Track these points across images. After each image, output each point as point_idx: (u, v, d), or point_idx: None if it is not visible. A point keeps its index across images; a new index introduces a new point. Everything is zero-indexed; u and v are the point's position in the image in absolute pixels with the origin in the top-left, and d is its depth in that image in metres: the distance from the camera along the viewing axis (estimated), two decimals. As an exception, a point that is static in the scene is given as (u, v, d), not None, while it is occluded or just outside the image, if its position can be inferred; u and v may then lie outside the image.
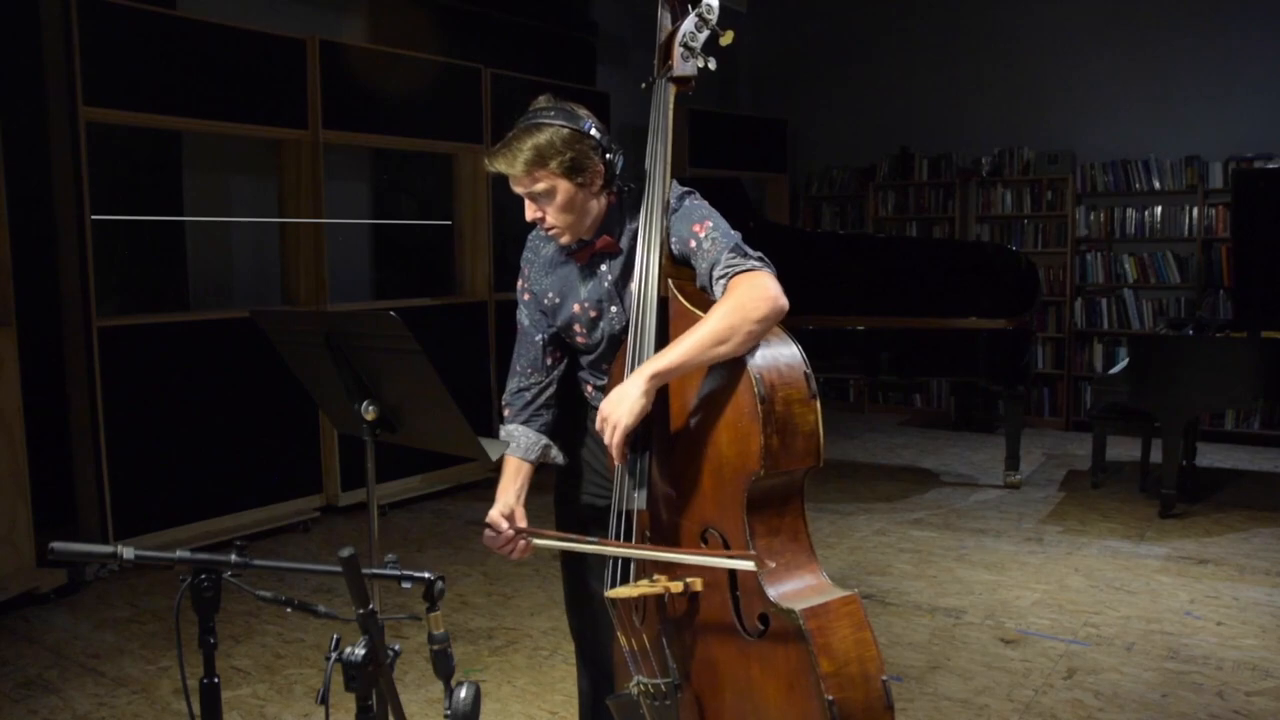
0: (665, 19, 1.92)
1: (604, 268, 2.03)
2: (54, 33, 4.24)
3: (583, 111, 1.94)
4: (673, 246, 1.92)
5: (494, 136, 6.01)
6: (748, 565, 1.68)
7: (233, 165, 5.52)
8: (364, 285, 6.23)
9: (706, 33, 1.89)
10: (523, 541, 2.00)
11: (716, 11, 1.88)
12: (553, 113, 1.90)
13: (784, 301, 1.80)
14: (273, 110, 5.00)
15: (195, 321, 4.86)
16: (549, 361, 2.13)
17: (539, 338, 2.13)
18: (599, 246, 2.01)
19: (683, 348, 1.76)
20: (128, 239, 4.97)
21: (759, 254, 1.87)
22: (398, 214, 6.41)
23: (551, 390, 2.15)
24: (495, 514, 2.01)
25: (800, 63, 8.84)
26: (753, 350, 1.74)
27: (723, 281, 1.82)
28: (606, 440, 1.82)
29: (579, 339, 2.09)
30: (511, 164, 1.88)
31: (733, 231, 1.92)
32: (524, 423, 2.12)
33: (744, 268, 1.82)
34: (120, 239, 4.93)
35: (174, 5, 4.91)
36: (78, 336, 4.36)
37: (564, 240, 1.99)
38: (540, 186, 1.89)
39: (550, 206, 1.92)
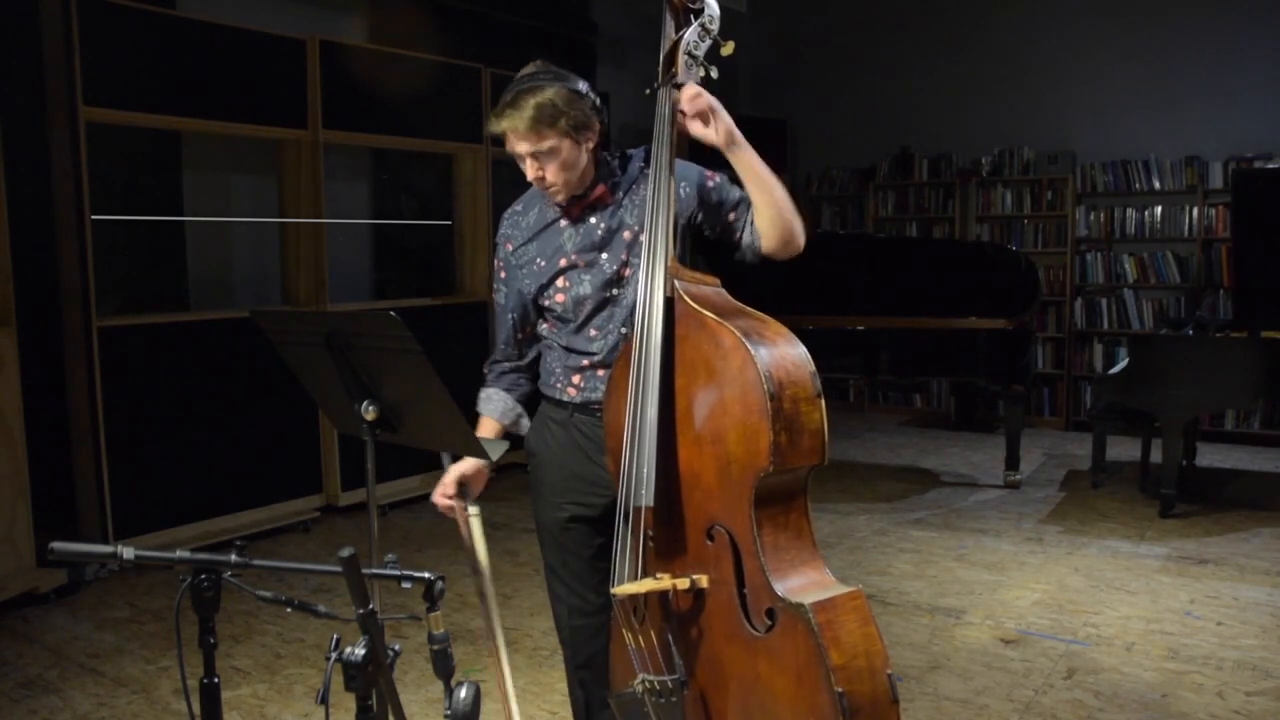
0: (669, 27, 1.96)
1: (594, 219, 2.10)
2: (54, 33, 4.24)
3: (571, 74, 2.02)
4: (681, 190, 2.04)
5: (494, 137, 6.01)
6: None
7: (233, 165, 5.52)
8: (364, 285, 6.23)
9: (709, 42, 1.94)
10: (460, 507, 2.17)
11: (718, 22, 1.94)
12: (550, 75, 1.98)
13: (803, 239, 2.06)
14: (273, 110, 5.00)
15: (195, 321, 4.86)
16: (519, 337, 2.24)
17: (510, 316, 2.21)
18: (594, 197, 2.08)
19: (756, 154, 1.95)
20: (128, 239, 4.97)
21: None
22: (398, 214, 6.41)
23: (524, 365, 2.27)
24: (451, 478, 2.18)
25: (800, 63, 8.84)
26: (761, 348, 1.76)
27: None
28: (695, 93, 1.91)
29: (558, 296, 2.11)
30: (517, 123, 1.95)
31: None
32: (503, 389, 2.26)
33: None
34: (120, 239, 4.92)
35: (174, 5, 4.90)
36: (78, 336, 4.36)
37: (560, 198, 2.07)
38: (546, 145, 1.97)
39: (553, 164, 1.99)
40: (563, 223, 2.12)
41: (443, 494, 2.17)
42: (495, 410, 2.23)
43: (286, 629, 3.75)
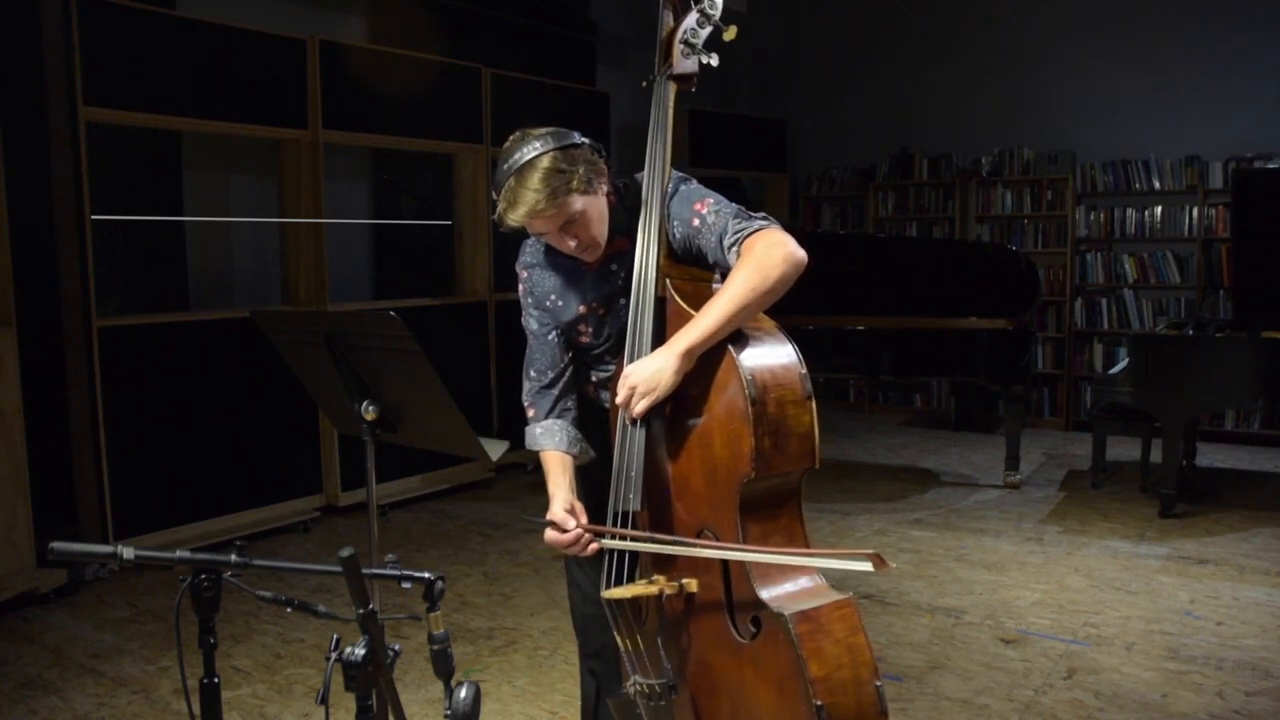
0: (667, 17, 1.90)
1: (614, 266, 2.04)
2: (54, 33, 4.24)
3: (555, 129, 1.91)
4: (675, 231, 1.92)
5: (494, 137, 6.02)
6: (864, 566, 1.54)
7: (233, 165, 5.52)
8: (364, 285, 6.23)
9: (709, 29, 1.87)
10: (590, 541, 1.91)
11: (720, 7, 1.86)
12: (537, 142, 1.86)
13: (801, 254, 1.79)
14: (273, 110, 5.00)
15: (195, 321, 4.86)
16: (568, 355, 2.14)
17: (551, 336, 2.12)
18: (614, 249, 2.01)
19: (710, 319, 1.74)
20: (128, 239, 4.97)
21: (763, 214, 1.88)
22: (398, 214, 6.41)
23: (570, 377, 2.14)
24: (558, 510, 1.94)
25: (800, 63, 8.83)
26: (746, 350, 1.73)
27: (735, 248, 1.83)
28: (624, 400, 1.79)
29: (582, 338, 2.10)
30: (536, 204, 1.83)
31: (734, 203, 1.92)
32: (556, 417, 2.10)
33: (753, 229, 1.83)
34: (120, 239, 4.93)
35: (174, 5, 4.90)
36: (78, 336, 4.36)
37: (591, 256, 1.98)
38: (572, 210, 1.87)
39: (582, 225, 1.91)
40: (583, 267, 2.05)
41: (567, 538, 1.93)
42: (561, 442, 2.07)
43: (286, 629, 3.75)
